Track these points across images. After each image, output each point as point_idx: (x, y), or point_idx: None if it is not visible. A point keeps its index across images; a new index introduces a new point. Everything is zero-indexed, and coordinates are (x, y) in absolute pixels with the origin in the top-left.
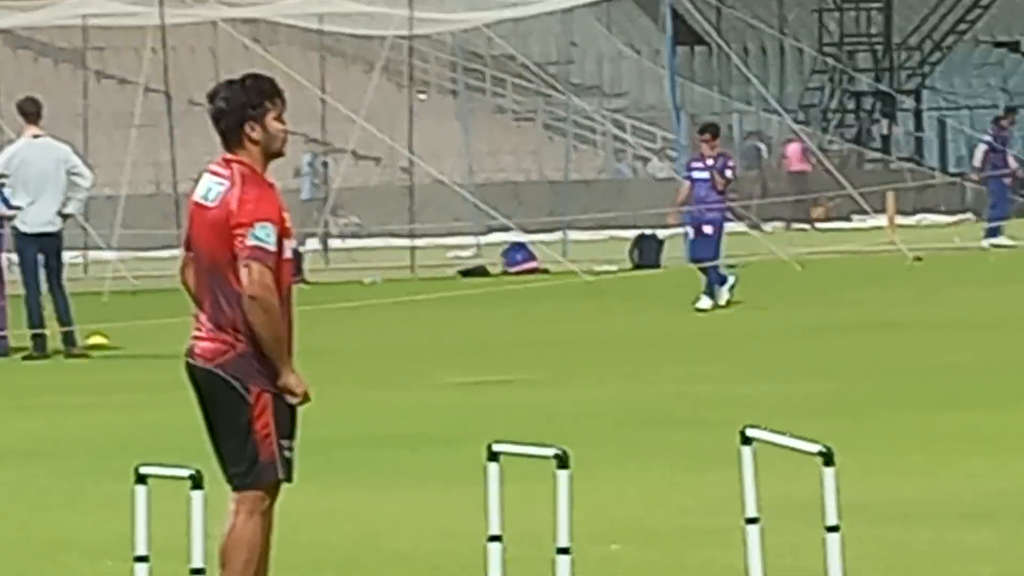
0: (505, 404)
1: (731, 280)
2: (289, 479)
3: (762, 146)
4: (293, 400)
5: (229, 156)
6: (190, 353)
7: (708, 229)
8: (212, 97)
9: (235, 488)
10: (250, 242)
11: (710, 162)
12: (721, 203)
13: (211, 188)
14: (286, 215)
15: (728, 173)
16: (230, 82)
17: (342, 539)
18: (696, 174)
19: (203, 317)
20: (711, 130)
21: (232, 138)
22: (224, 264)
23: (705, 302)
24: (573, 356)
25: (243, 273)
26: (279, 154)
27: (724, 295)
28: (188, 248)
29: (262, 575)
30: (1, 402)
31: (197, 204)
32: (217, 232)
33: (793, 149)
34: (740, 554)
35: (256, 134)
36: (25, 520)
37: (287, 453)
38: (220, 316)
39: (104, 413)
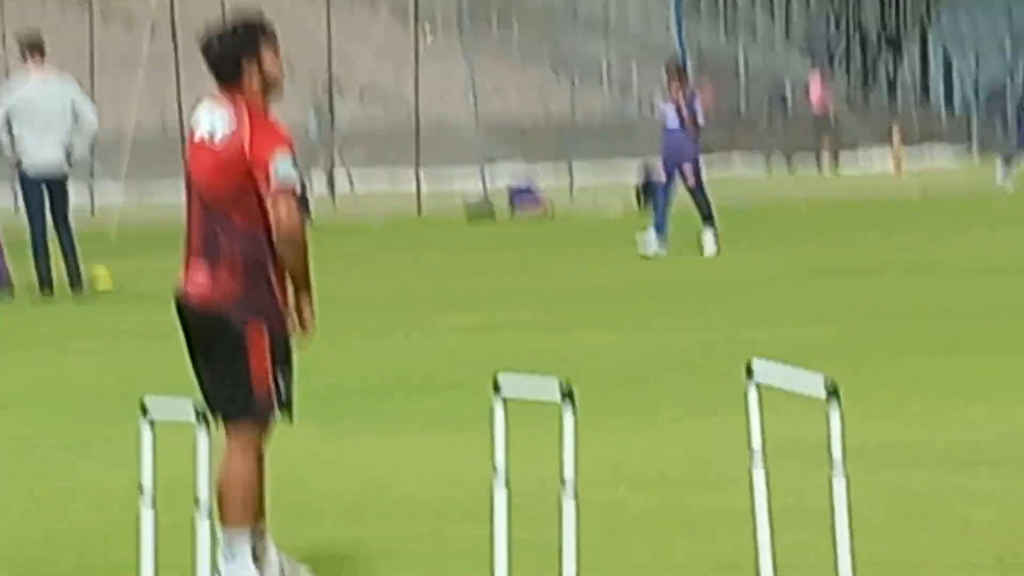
0: (509, 350)
1: (661, 248)
2: (289, 413)
3: (788, 95)
4: (301, 331)
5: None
6: (183, 291)
7: (691, 179)
8: (207, 47)
9: (229, 421)
10: (274, 182)
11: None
12: (695, 147)
13: (215, 126)
14: None
15: (698, 115)
16: (221, 31)
17: (346, 486)
18: (670, 123)
19: (196, 254)
20: (677, 71)
21: (233, 84)
22: (229, 201)
23: (710, 244)
24: (577, 301)
25: (271, 210)
26: (279, 90)
27: (653, 246)
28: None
29: (260, 515)
30: (7, 346)
31: (201, 144)
32: (226, 171)
33: (814, 90)
34: (744, 499)
35: (257, 78)
36: (31, 468)
37: (282, 388)
38: (217, 253)
39: (111, 358)
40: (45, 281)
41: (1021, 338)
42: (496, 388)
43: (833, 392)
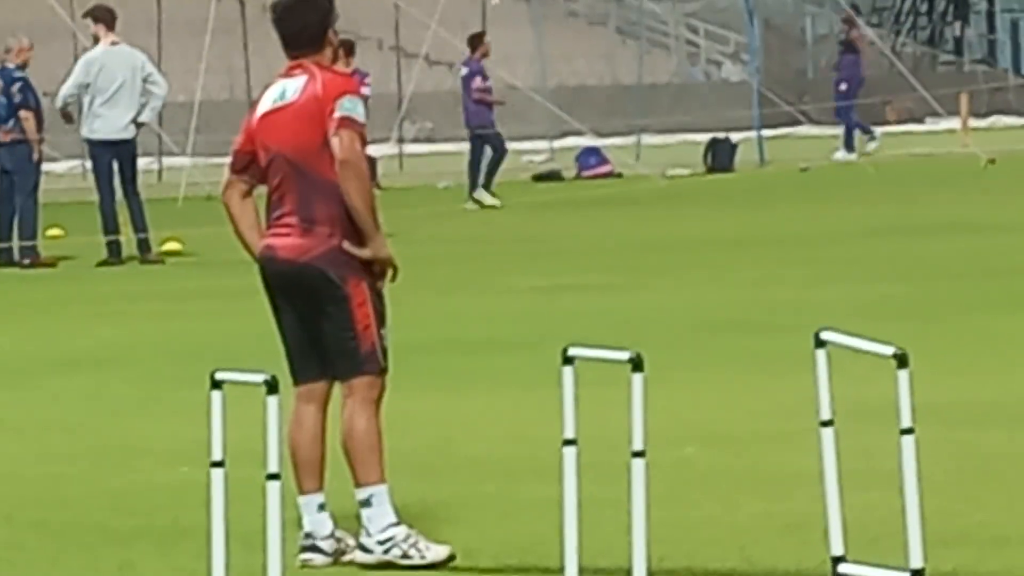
0: (579, 309)
1: None
2: (386, 369)
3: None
4: (381, 281)
5: (300, 60)
6: (270, 252)
7: None
8: (286, 14)
9: (340, 379)
10: (338, 113)
11: None
12: None
13: (287, 88)
14: None
15: (365, 90)
16: None
17: (416, 444)
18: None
19: (286, 215)
20: (344, 46)
21: (315, 42)
22: (314, 152)
23: None
24: (647, 260)
25: (334, 142)
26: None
27: None
28: (238, 171)
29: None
30: (77, 309)
31: (270, 112)
32: (305, 121)
33: None
34: (814, 457)
35: (334, 38)
36: (101, 427)
37: (385, 342)
38: (313, 210)
39: (179, 320)
40: (114, 251)
41: None
42: (566, 360)
43: (902, 364)
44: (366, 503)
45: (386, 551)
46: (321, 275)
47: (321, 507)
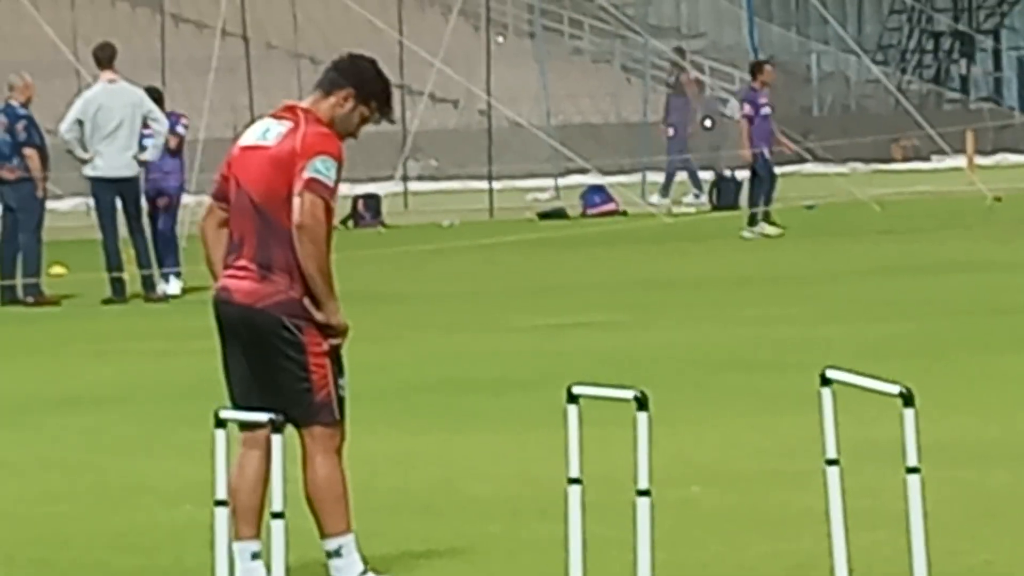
0: (584, 347)
1: (178, 283)
2: (342, 418)
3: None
4: (335, 340)
5: (294, 103)
6: (225, 293)
7: (163, 201)
8: (348, 57)
9: (301, 428)
10: (308, 174)
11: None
12: (178, 169)
13: (270, 129)
14: None
15: (180, 130)
16: (372, 61)
17: (420, 484)
18: (147, 141)
19: (244, 258)
20: (154, 93)
21: (324, 91)
22: (279, 202)
23: (173, 286)
24: (652, 298)
25: (296, 203)
26: (340, 136)
27: (174, 286)
28: (219, 198)
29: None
30: (79, 347)
31: (249, 147)
32: (277, 169)
33: None
34: (819, 496)
35: (342, 107)
36: (102, 465)
37: (342, 392)
38: (272, 258)
39: (182, 359)
40: (118, 290)
41: None
42: (571, 399)
43: (908, 403)
44: (335, 554)
45: None
46: (277, 322)
47: (255, 555)
